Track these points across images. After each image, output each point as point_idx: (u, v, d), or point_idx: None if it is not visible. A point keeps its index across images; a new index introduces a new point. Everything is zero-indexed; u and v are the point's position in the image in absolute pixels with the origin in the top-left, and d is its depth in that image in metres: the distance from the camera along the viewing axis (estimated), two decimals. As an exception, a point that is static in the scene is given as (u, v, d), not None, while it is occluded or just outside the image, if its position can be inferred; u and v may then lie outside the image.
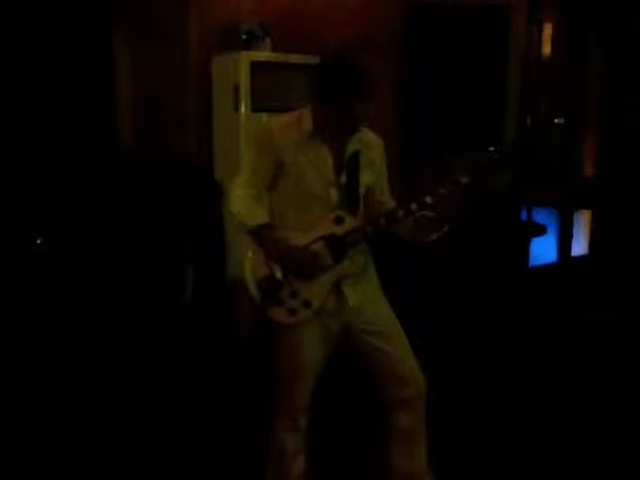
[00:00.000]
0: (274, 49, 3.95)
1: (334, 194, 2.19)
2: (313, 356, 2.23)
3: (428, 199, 2.11)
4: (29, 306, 3.45)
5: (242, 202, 2.20)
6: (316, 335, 2.21)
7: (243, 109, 3.76)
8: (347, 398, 3.14)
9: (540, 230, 5.27)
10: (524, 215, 5.46)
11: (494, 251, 4.72)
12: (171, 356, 3.47)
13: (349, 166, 2.19)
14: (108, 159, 4.02)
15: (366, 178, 2.24)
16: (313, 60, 3.68)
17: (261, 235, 2.19)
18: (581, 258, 5.82)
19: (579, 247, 5.91)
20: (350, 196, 2.20)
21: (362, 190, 2.24)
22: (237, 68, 3.76)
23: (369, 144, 2.26)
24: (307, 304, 2.16)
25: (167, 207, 3.73)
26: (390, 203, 2.30)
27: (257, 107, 3.74)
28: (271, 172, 2.17)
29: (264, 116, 3.69)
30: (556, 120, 5.83)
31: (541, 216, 5.44)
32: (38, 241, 3.61)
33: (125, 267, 3.72)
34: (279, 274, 2.16)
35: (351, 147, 2.20)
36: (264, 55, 3.86)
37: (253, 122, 3.72)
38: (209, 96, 4.05)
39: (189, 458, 2.81)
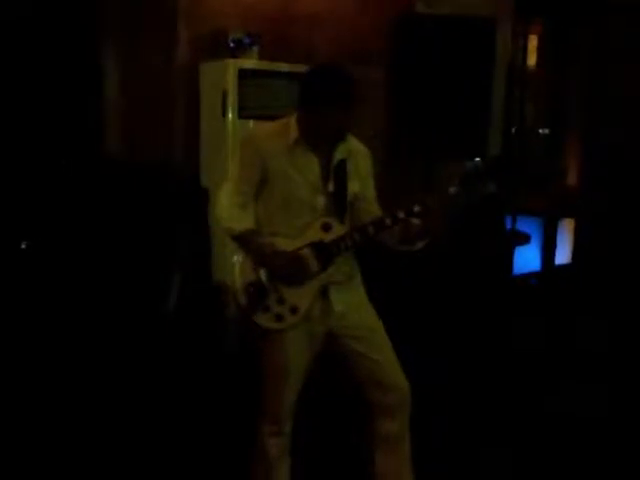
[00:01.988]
0: (262, 57, 3.97)
1: (321, 201, 2.20)
2: (298, 361, 2.24)
3: (416, 208, 2.13)
4: (14, 311, 3.43)
5: (228, 209, 2.21)
6: (301, 340, 2.22)
7: (230, 116, 3.77)
8: (332, 404, 3.15)
9: (524, 239, 5.32)
10: (508, 224, 5.50)
11: (478, 259, 4.75)
12: (156, 361, 3.46)
13: (336, 174, 2.21)
14: (94, 165, 4.00)
15: (353, 186, 2.25)
16: (300, 68, 3.72)
17: (247, 241, 2.19)
18: (565, 266, 5.88)
19: (562, 256, 5.97)
20: (337, 203, 2.22)
21: (349, 198, 2.25)
22: (225, 75, 3.77)
23: (356, 153, 2.28)
24: (294, 310, 2.17)
25: (153, 212, 3.72)
26: (376, 212, 2.31)
27: (244, 114, 3.76)
28: (257, 179, 2.18)
29: (251, 123, 3.72)
30: (540, 130, 5.90)
31: (525, 225, 5.49)
32: (22, 245, 3.59)
33: (110, 272, 3.71)
34: (266, 280, 2.17)
35: (338, 155, 2.21)
36: (252, 63, 3.88)
37: (240, 129, 3.73)
38: (196, 103, 4.06)
39: (176, 462, 2.80)
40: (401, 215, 2.14)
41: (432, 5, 4.77)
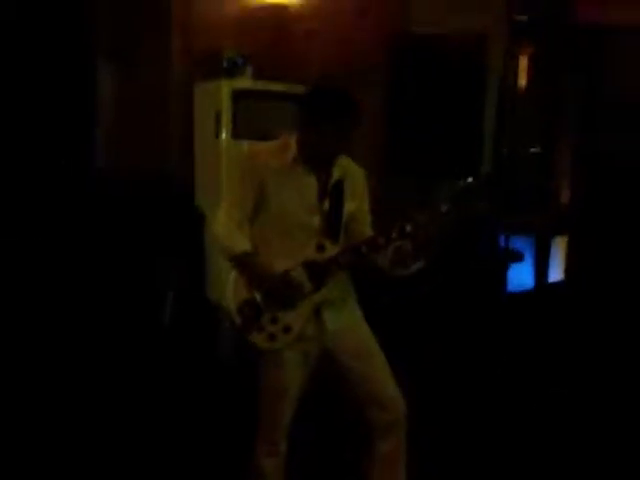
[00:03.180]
0: (256, 77, 4.00)
1: (317, 221, 2.20)
2: (293, 380, 2.23)
3: (408, 227, 2.14)
4: (11, 326, 3.43)
5: (224, 230, 2.20)
6: (296, 361, 2.22)
7: (224, 136, 3.79)
8: (329, 423, 3.14)
9: (517, 257, 5.34)
10: (502, 242, 5.52)
11: (472, 278, 4.77)
12: (150, 379, 3.45)
13: (333, 194, 2.22)
14: (87, 184, 4.01)
15: (349, 206, 2.26)
16: (295, 88, 3.76)
17: (242, 262, 2.19)
18: (558, 284, 5.89)
19: (555, 274, 5.98)
20: (332, 224, 2.22)
21: (345, 218, 2.26)
22: (219, 96, 3.80)
23: (352, 173, 2.29)
24: (287, 330, 2.17)
25: (148, 232, 3.73)
26: (369, 233, 2.31)
27: (238, 135, 3.78)
28: (254, 199, 2.18)
29: (245, 144, 3.71)
30: (532, 149, 5.94)
31: (518, 243, 5.51)
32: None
33: (104, 291, 3.71)
34: (260, 300, 2.18)
35: (335, 175, 2.22)
36: (245, 83, 3.91)
37: (234, 149, 3.75)
38: (190, 123, 4.08)
39: (171, 475, 2.79)
40: (394, 234, 2.14)
41: (427, 25, 4.82)
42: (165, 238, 3.75)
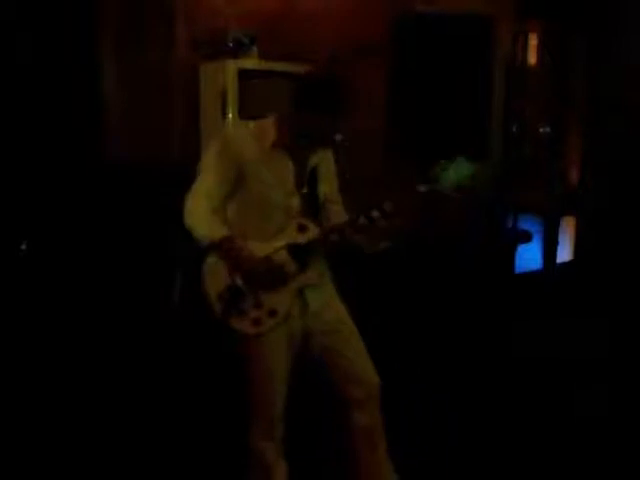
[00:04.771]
0: (261, 57, 3.97)
1: (296, 203, 2.21)
2: (280, 362, 2.24)
3: (388, 207, 2.13)
4: (17, 309, 3.44)
5: (199, 215, 2.16)
6: (281, 342, 2.23)
7: (230, 116, 3.77)
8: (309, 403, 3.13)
9: (526, 237, 5.31)
10: (510, 222, 5.50)
11: (480, 258, 4.75)
12: (160, 357, 3.47)
13: (310, 177, 2.24)
14: (95, 164, 4.00)
15: (324, 187, 2.30)
16: (300, 68, 3.72)
17: (222, 248, 2.16)
18: (566, 265, 5.87)
19: (564, 254, 5.96)
20: (311, 205, 2.24)
21: (321, 199, 2.29)
22: (225, 76, 3.77)
23: (324, 156, 2.31)
24: (272, 313, 2.18)
25: (154, 211, 3.73)
26: (342, 212, 2.35)
27: (244, 114, 3.76)
28: (231, 182, 2.16)
29: (251, 123, 3.70)
30: (541, 129, 5.89)
31: (527, 223, 5.48)
32: (22, 246, 3.59)
33: (112, 270, 3.72)
34: (241, 285, 2.15)
35: (314, 159, 2.24)
36: (251, 63, 3.88)
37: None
38: (196, 103, 4.06)
39: (181, 458, 2.80)
40: (375, 214, 2.14)
41: (432, 3, 4.77)
42: (171, 218, 3.74)
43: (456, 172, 2.14)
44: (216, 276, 2.19)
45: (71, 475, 2.68)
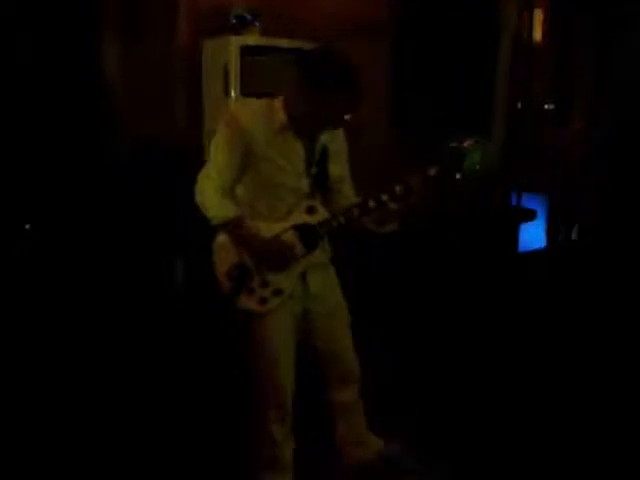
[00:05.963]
0: (263, 33, 3.94)
1: (305, 184, 2.20)
2: (285, 343, 2.25)
3: (398, 190, 2.12)
4: (17, 294, 3.45)
5: (210, 196, 2.16)
6: (284, 322, 2.24)
7: (233, 93, 3.75)
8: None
9: (529, 215, 5.30)
10: (513, 200, 5.49)
11: (483, 237, 4.75)
12: (163, 347, 3.47)
13: (319, 158, 2.22)
14: (97, 148, 3.99)
15: (334, 169, 2.27)
16: (302, 44, 3.69)
17: (232, 228, 2.17)
18: (570, 243, 5.86)
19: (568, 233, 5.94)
20: (320, 187, 2.23)
21: (330, 181, 2.27)
22: (227, 52, 3.74)
23: (335, 136, 2.28)
24: (277, 292, 2.19)
25: (156, 194, 3.72)
26: (352, 194, 2.34)
27: (247, 91, 3.73)
28: (241, 163, 2.14)
29: (258, 102, 3.67)
30: (546, 106, 5.85)
31: (530, 201, 5.47)
32: (26, 226, 3.60)
33: (114, 259, 3.72)
34: (250, 263, 2.17)
35: (322, 139, 2.21)
36: (254, 39, 3.85)
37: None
38: (199, 80, 4.04)
39: (186, 445, 2.81)
40: (384, 197, 2.13)
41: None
42: (174, 201, 3.73)
43: (471, 159, 2.12)
44: (225, 255, 2.20)
45: (71, 461, 2.68)
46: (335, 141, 2.27)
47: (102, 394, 3.08)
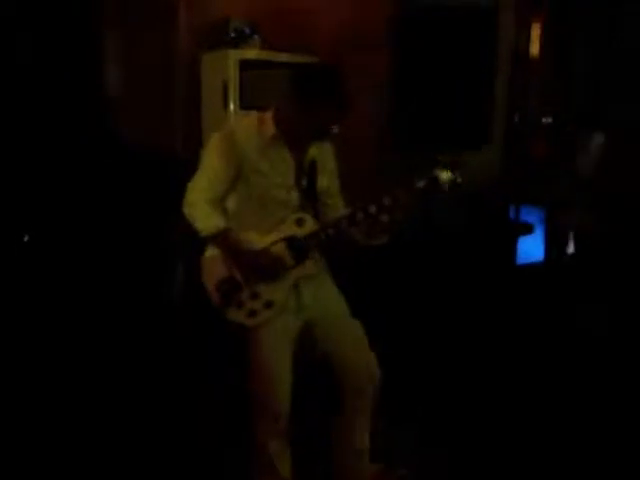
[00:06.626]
0: (263, 47, 3.95)
1: (295, 197, 2.23)
2: (279, 357, 2.25)
3: (386, 201, 2.14)
4: (16, 300, 3.44)
5: (199, 208, 2.18)
6: (277, 336, 2.24)
7: (232, 107, 3.76)
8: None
9: (527, 229, 5.30)
10: (512, 213, 5.48)
11: (481, 250, 4.75)
12: (161, 351, 3.46)
13: (309, 170, 2.24)
14: (95, 155, 3.99)
15: (322, 181, 2.30)
16: (302, 58, 3.71)
17: (220, 240, 2.19)
18: (568, 257, 5.85)
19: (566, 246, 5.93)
20: (309, 199, 2.25)
21: (319, 193, 2.29)
22: (226, 66, 3.76)
23: (324, 149, 2.31)
24: (269, 305, 2.19)
25: (154, 203, 3.72)
26: (341, 206, 2.36)
27: (246, 105, 3.75)
28: (232, 176, 2.17)
29: (253, 115, 3.69)
30: (544, 120, 5.86)
31: (528, 215, 5.46)
32: (25, 238, 3.59)
33: (113, 262, 3.71)
34: (239, 276, 2.17)
35: (311, 152, 2.24)
36: (253, 53, 3.86)
37: (242, 120, 3.72)
38: (198, 94, 4.05)
39: (184, 452, 2.81)
40: (372, 209, 2.15)
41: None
42: (172, 210, 3.73)
43: (454, 173, 2.14)
44: (214, 267, 2.21)
45: (69, 461, 2.68)
46: (324, 155, 2.32)
47: (101, 400, 3.09)
